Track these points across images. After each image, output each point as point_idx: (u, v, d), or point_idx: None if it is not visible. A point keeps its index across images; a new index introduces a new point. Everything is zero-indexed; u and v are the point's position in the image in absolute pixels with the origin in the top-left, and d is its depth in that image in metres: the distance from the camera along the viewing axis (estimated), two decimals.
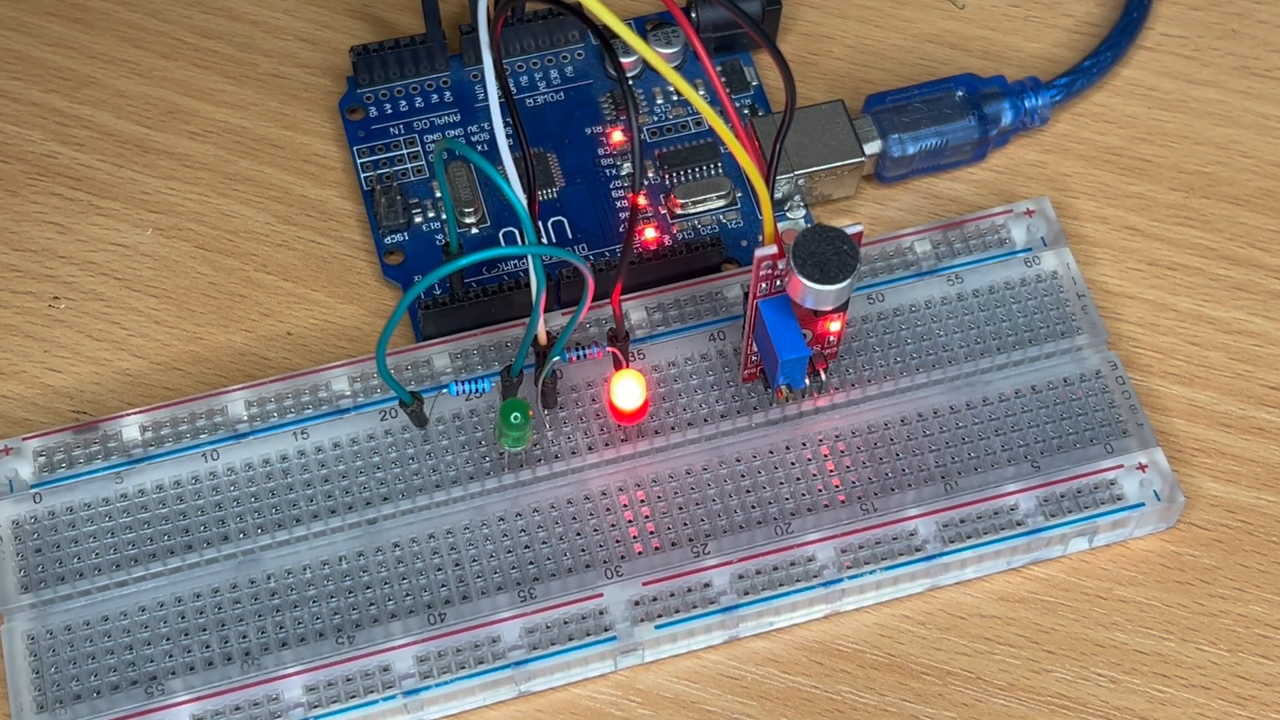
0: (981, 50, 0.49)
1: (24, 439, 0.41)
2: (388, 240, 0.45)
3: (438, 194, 0.46)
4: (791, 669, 0.41)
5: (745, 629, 0.41)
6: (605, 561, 0.40)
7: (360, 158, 0.46)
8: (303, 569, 0.40)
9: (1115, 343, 0.44)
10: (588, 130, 0.47)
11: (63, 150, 0.47)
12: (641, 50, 0.35)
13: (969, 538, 0.41)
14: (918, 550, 0.40)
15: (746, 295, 0.41)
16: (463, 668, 0.39)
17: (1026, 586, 0.42)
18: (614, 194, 0.46)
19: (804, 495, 0.41)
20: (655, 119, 0.47)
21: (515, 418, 0.39)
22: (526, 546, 0.40)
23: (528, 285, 0.43)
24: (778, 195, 0.45)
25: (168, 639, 0.39)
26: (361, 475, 0.41)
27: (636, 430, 0.41)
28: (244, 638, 0.39)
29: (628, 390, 0.41)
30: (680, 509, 0.41)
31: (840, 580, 0.40)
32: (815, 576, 0.40)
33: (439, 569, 0.40)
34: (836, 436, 0.42)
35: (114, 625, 0.40)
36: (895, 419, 0.42)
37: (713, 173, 0.46)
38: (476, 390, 0.40)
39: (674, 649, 0.41)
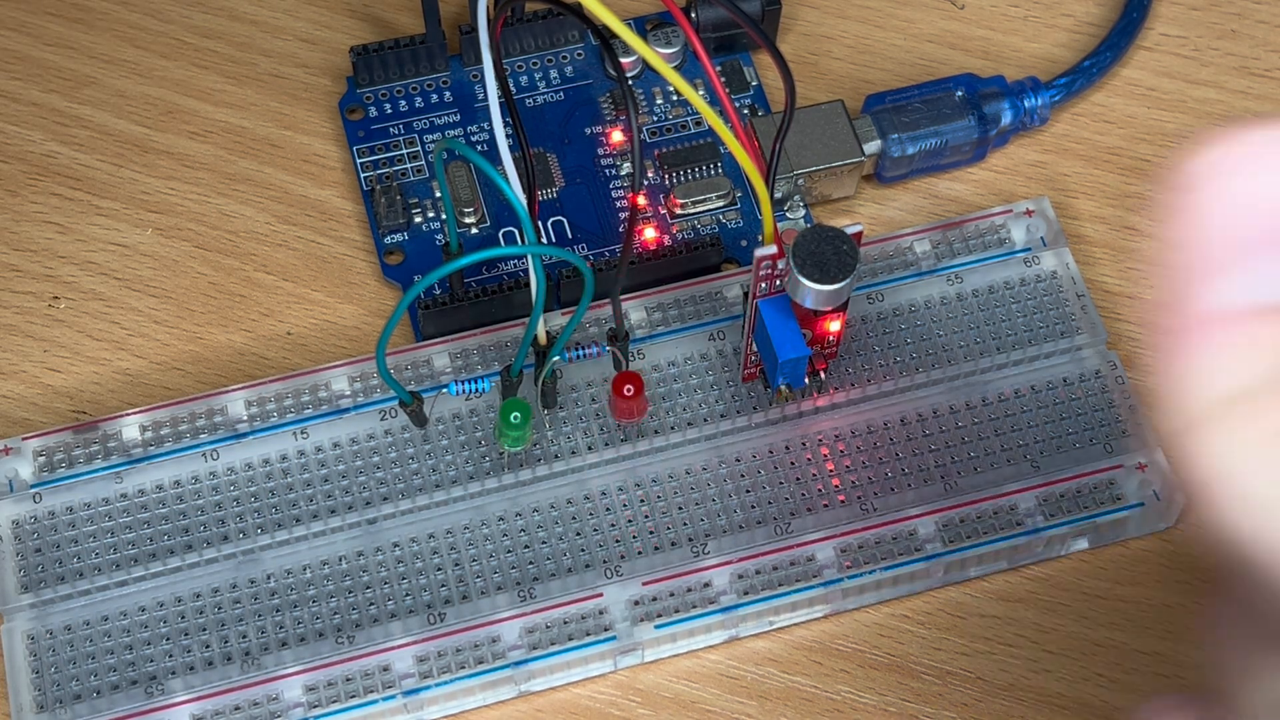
0: (981, 50, 0.49)
1: (24, 439, 0.41)
2: (388, 240, 0.45)
3: (438, 194, 0.46)
4: (791, 669, 0.41)
5: (745, 629, 0.41)
6: (605, 561, 0.40)
7: (360, 158, 0.46)
8: (303, 569, 0.40)
9: (1115, 343, 0.44)
10: (588, 130, 0.47)
11: (63, 150, 0.47)
12: (641, 50, 0.35)
13: (969, 538, 0.41)
14: (918, 550, 0.40)
15: (746, 295, 0.41)
16: (463, 668, 0.39)
17: (1026, 586, 0.42)
18: (614, 194, 0.46)
19: (804, 495, 0.41)
20: (655, 119, 0.47)
21: (515, 418, 0.39)
22: (526, 546, 0.40)
23: (528, 285, 0.43)
24: (778, 195, 0.45)
25: (168, 639, 0.39)
26: (361, 475, 0.41)
27: (636, 430, 0.41)
28: (244, 638, 0.39)
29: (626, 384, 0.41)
30: (680, 509, 0.41)
31: (840, 580, 0.40)
32: (815, 576, 0.40)
33: (439, 569, 0.40)
34: (836, 436, 0.42)
35: (114, 625, 0.40)
36: (895, 419, 0.42)
37: (713, 173, 0.46)
38: (476, 390, 0.40)
39: (674, 649, 0.41)
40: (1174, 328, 0.24)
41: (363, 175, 0.46)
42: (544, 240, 0.45)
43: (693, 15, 0.47)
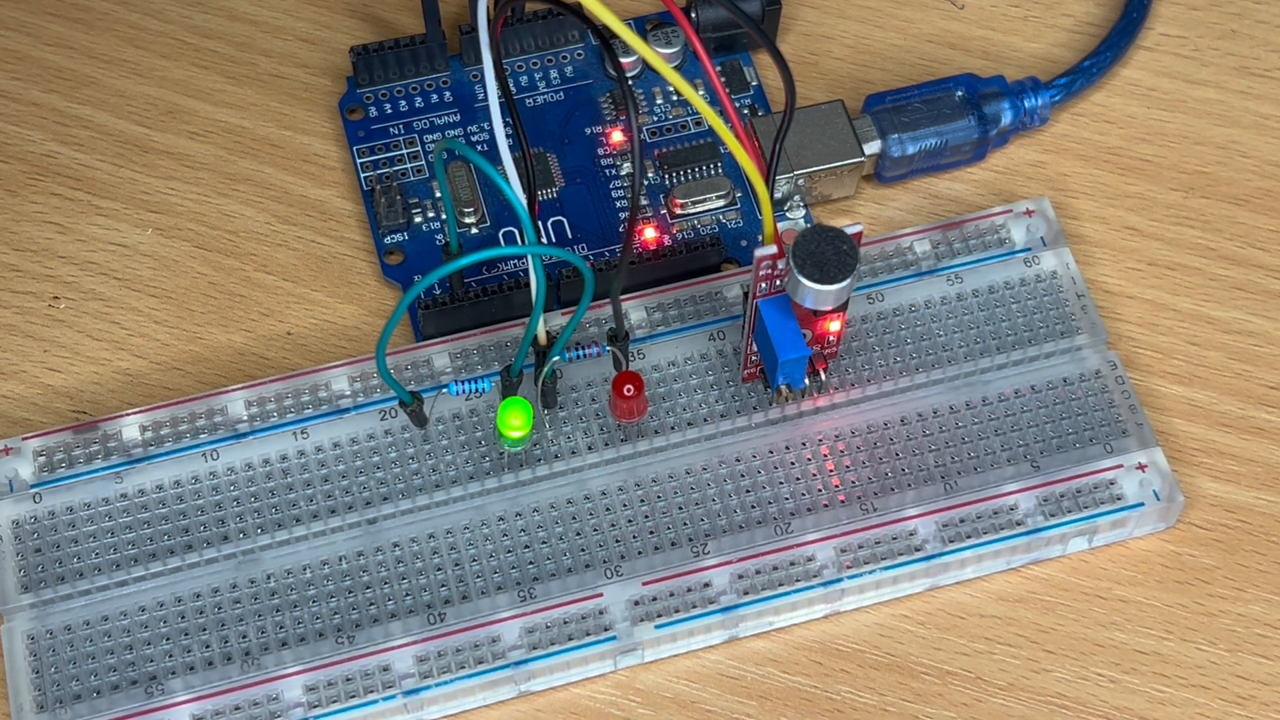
0: (981, 50, 0.49)
1: (24, 439, 0.41)
2: (388, 240, 0.45)
3: (438, 194, 0.46)
4: (791, 669, 0.41)
5: (745, 629, 0.41)
6: (605, 561, 0.40)
7: (360, 158, 0.46)
8: (303, 569, 0.40)
9: (1115, 343, 0.44)
10: (588, 130, 0.47)
11: (63, 150, 0.47)
12: (641, 50, 0.35)
13: (969, 538, 0.41)
14: (917, 550, 0.40)
15: (746, 295, 0.41)
16: (463, 668, 0.39)
17: (1026, 586, 0.42)
18: (614, 194, 0.46)
19: (804, 495, 0.41)
20: (655, 119, 0.47)
21: (515, 418, 0.39)
22: (526, 546, 0.40)
23: (528, 285, 0.43)
24: (778, 195, 0.45)
25: (168, 639, 0.39)
26: (361, 475, 0.41)
27: (636, 430, 0.41)
28: (244, 638, 0.39)
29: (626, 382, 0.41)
30: (680, 509, 0.41)
31: (840, 580, 0.40)
32: (815, 576, 0.40)
33: (439, 569, 0.40)
34: (836, 436, 0.42)
35: (114, 625, 0.40)
36: (895, 419, 0.42)
37: (713, 173, 0.46)
38: (476, 390, 0.40)
39: (674, 649, 0.41)
40: None
41: (363, 175, 0.46)
42: (544, 240, 0.45)
43: (693, 15, 0.47)
